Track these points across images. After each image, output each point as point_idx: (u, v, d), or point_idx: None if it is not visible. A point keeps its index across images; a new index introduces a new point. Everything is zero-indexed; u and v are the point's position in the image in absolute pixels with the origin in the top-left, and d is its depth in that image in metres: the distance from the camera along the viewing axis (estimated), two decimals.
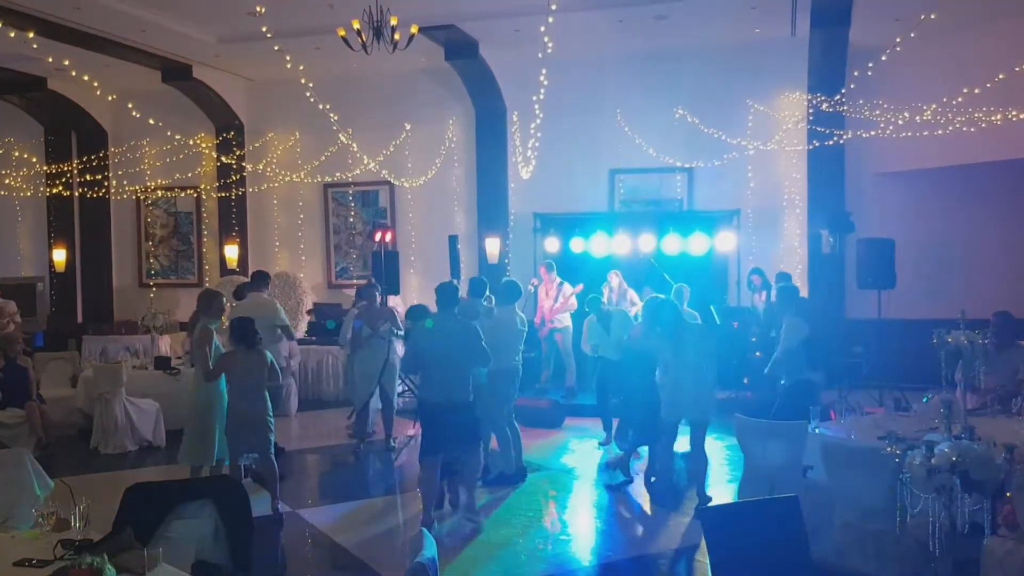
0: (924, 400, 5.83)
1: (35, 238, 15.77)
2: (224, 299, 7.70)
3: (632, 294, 11.05)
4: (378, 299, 9.93)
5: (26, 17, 10.39)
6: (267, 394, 7.31)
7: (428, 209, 14.20)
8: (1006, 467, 4.53)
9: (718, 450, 9.33)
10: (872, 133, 11.36)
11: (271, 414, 7.35)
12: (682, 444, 8.04)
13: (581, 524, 7.31)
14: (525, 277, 12.21)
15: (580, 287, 11.26)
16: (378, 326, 9.45)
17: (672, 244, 11.74)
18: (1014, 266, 11.71)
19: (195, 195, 15.22)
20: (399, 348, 9.60)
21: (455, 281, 9.56)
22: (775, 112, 12.41)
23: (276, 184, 14.63)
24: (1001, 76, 9.92)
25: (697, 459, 7.65)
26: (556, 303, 11.46)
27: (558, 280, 11.57)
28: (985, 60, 10.56)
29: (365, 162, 13.71)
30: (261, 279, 9.95)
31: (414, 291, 14.07)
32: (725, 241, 12.03)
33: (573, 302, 11.36)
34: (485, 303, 8.48)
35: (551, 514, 7.49)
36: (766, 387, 9.80)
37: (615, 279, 11.09)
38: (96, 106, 14.79)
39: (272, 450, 7.36)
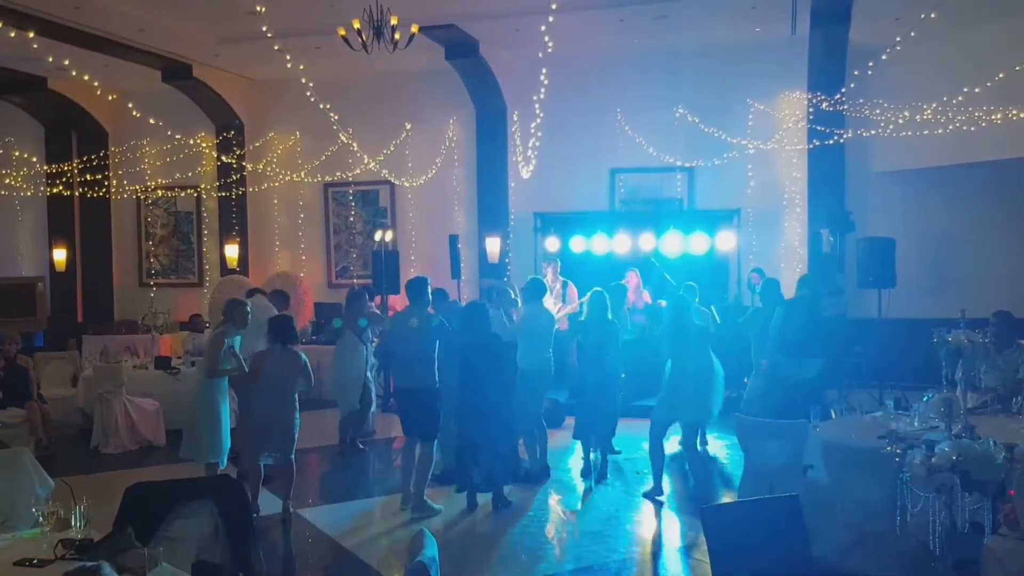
0: (924, 399, 5.81)
1: (35, 238, 15.77)
2: (248, 308, 7.70)
3: (646, 294, 11.05)
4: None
5: (26, 17, 10.39)
6: (295, 395, 7.30)
7: (428, 209, 14.21)
8: (1006, 466, 4.53)
9: (718, 449, 9.35)
10: (872, 132, 11.36)
11: (298, 415, 7.34)
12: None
13: (580, 523, 7.29)
14: (525, 276, 12.20)
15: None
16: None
17: (672, 243, 11.72)
18: (1014, 265, 11.69)
19: (195, 195, 15.22)
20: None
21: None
22: (775, 111, 12.41)
23: (276, 184, 14.63)
24: (1001, 75, 9.91)
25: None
26: (564, 303, 11.37)
27: (562, 279, 11.52)
28: (985, 59, 10.55)
29: (365, 162, 13.71)
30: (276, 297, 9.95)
31: None
32: (725, 240, 12.02)
33: (577, 304, 11.28)
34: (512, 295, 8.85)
35: (551, 513, 7.48)
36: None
37: (634, 278, 10.99)
38: (96, 106, 14.79)
39: (293, 451, 7.36)
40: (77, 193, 15.05)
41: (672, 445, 9.13)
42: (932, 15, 9.64)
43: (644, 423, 10.08)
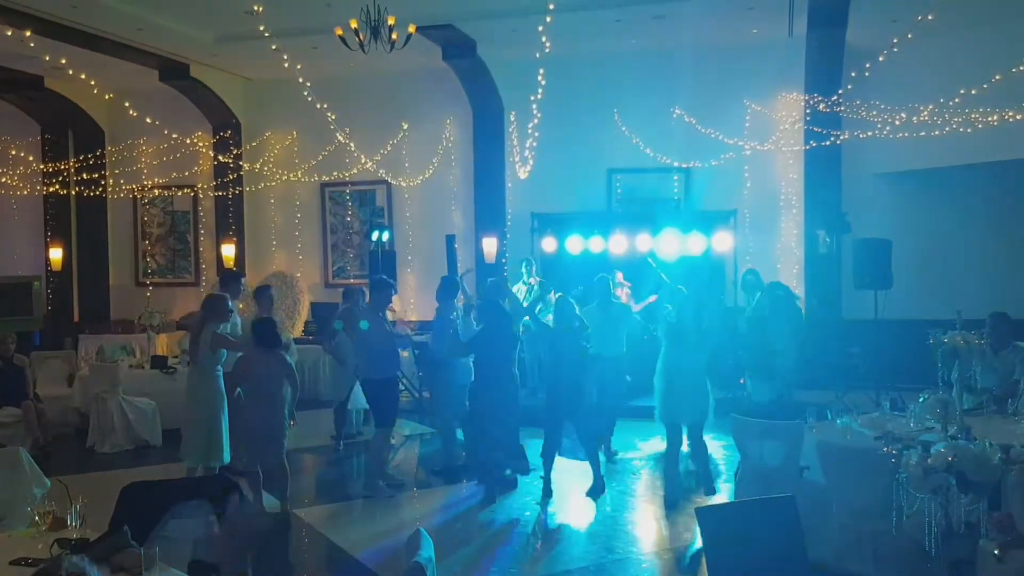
0: (920, 400, 5.82)
1: (32, 237, 15.71)
2: (229, 301, 7.70)
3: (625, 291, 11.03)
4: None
5: (23, 15, 10.36)
6: (283, 400, 7.25)
7: (425, 209, 14.20)
8: (1002, 467, 4.54)
9: (715, 450, 9.34)
10: (869, 134, 11.37)
11: (286, 420, 7.29)
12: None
13: (579, 523, 7.30)
14: (522, 276, 12.21)
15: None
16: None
17: (669, 244, 11.73)
18: (1011, 267, 11.72)
19: (192, 194, 15.19)
20: None
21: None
22: (772, 112, 12.42)
23: (273, 183, 14.61)
24: (998, 77, 9.93)
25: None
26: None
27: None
28: (982, 61, 10.57)
29: (362, 161, 13.71)
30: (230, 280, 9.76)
31: (411, 290, 14.09)
32: (722, 241, 12.04)
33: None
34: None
35: (548, 514, 7.48)
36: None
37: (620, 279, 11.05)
38: (93, 105, 14.76)
39: (282, 456, 7.34)
40: (74, 192, 15.02)
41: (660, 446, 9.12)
42: (929, 17, 9.66)
43: (637, 423, 10.22)
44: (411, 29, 9.23)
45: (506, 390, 7.73)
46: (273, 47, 10.60)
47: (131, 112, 12.63)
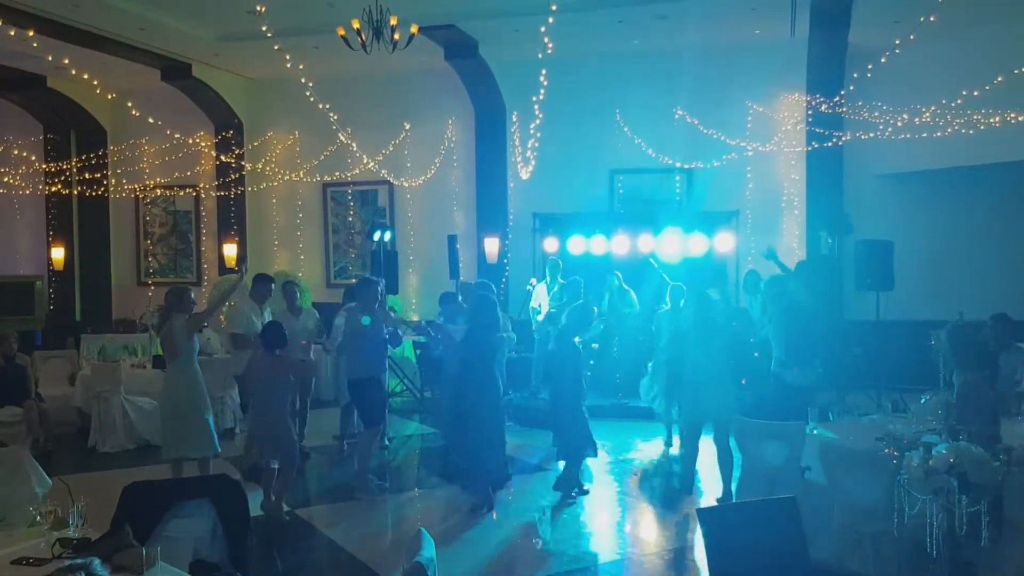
0: (922, 401, 5.82)
1: (34, 236, 15.75)
2: (192, 294, 7.76)
3: (632, 295, 11.06)
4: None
5: (26, 15, 10.38)
6: (285, 402, 7.32)
7: (427, 209, 14.21)
8: (1003, 469, 4.53)
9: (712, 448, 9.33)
10: (871, 135, 11.37)
11: (293, 420, 7.36)
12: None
13: (578, 524, 7.29)
14: (524, 276, 12.23)
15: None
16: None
17: (671, 244, 11.74)
18: (1012, 268, 11.72)
19: (194, 194, 15.22)
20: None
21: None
22: (774, 113, 12.42)
23: (275, 183, 14.63)
24: (1000, 78, 9.93)
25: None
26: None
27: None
28: (984, 62, 10.57)
29: (364, 161, 13.72)
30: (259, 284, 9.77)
31: (413, 290, 14.09)
32: (724, 242, 12.04)
33: None
34: None
35: (548, 514, 7.47)
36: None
37: (615, 281, 11.12)
38: (95, 104, 14.79)
39: (295, 456, 7.42)
40: (76, 192, 15.05)
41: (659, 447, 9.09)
42: (932, 18, 9.66)
43: (637, 424, 10.21)
44: (413, 29, 9.23)
45: (486, 393, 7.41)
46: (275, 47, 10.62)
47: (133, 112, 12.65)
